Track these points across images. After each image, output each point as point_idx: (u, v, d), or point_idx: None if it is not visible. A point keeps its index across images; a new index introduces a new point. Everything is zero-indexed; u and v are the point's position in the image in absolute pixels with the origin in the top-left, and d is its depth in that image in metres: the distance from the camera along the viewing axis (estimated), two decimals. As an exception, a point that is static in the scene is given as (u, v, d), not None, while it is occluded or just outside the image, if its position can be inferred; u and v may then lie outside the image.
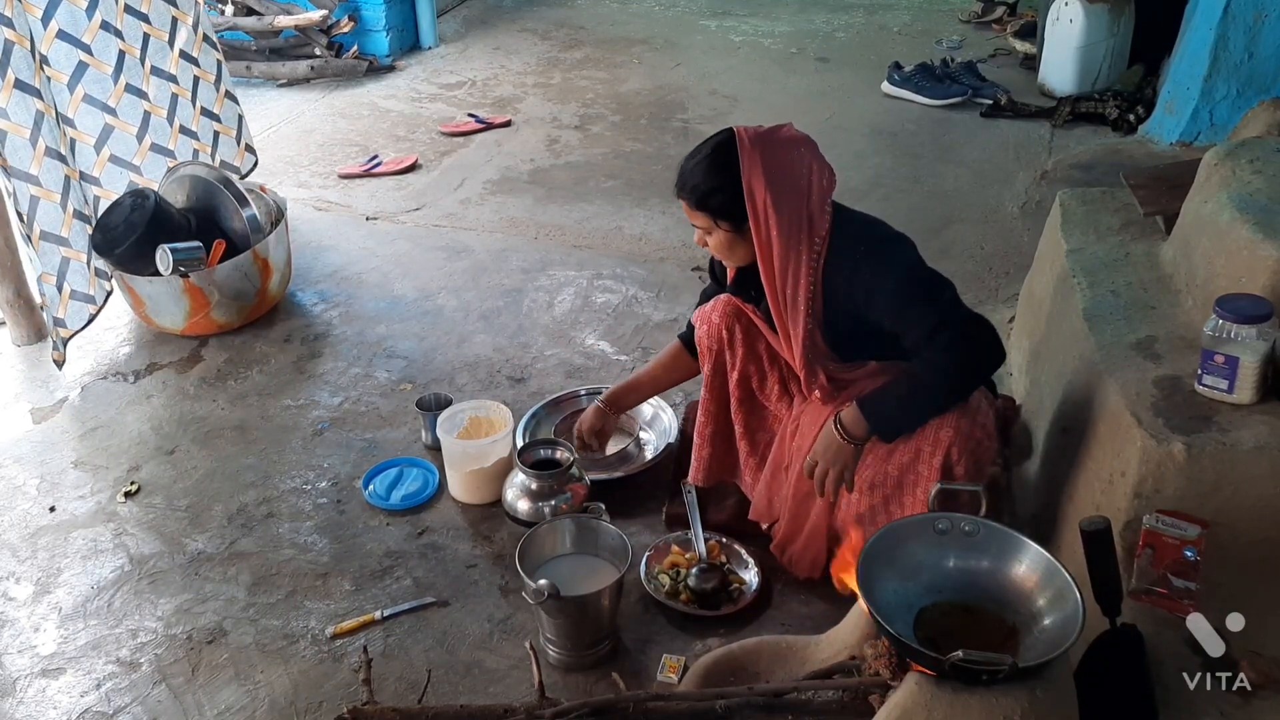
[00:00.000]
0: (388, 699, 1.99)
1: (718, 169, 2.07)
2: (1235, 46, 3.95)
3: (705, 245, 2.19)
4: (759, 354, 2.28)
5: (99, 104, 3.24)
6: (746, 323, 2.27)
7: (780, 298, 2.09)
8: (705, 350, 2.32)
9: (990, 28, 5.64)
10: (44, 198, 2.96)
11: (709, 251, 2.22)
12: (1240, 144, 2.38)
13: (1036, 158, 4.23)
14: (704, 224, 2.13)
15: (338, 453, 2.75)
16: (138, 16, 3.33)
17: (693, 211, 2.13)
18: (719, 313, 2.29)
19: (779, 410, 2.31)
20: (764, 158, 2.02)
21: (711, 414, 2.36)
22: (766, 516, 2.33)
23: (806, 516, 2.23)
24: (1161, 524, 1.86)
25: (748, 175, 2.02)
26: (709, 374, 2.33)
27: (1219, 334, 1.91)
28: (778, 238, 2.03)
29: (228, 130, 3.73)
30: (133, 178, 3.37)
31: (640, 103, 4.90)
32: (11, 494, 2.65)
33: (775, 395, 2.30)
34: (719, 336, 2.28)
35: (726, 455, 2.39)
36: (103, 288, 3.21)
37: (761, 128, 2.08)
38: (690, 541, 2.34)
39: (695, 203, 2.11)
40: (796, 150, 2.06)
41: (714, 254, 2.22)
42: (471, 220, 3.92)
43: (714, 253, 2.20)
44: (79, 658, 2.19)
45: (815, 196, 2.05)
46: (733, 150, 2.05)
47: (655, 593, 2.24)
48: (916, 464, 2.04)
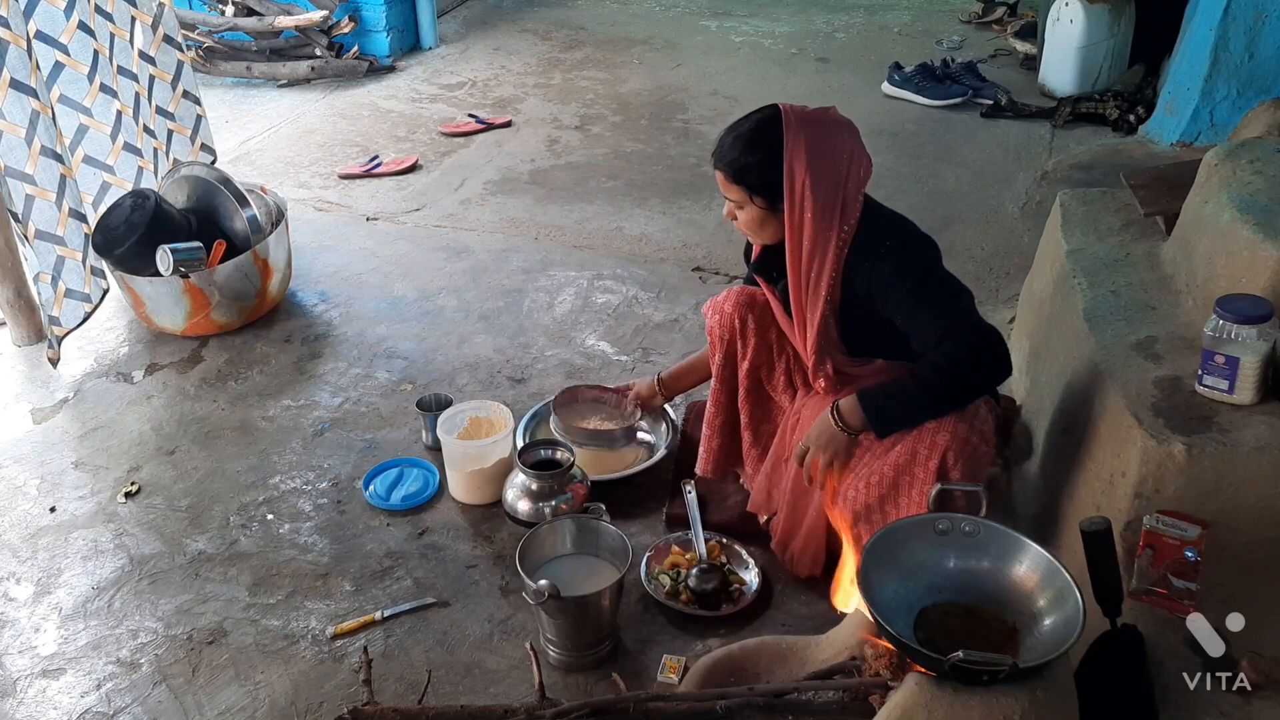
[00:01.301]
0: (388, 699, 1.99)
1: (760, 144, 2.03)
2: (1235, 47, 3.95)
3: (734, 220, 2.14)
4: (769, 343, 2.29)
5: (74, 104, 3.25)
6: (759, 312, 2.27)
7: (803, 281, 2.07)
8: (716, 340, 2.32)
9: (990, 28, 5.65)
10: (40, 196, 2.97)
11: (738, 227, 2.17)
12: (1240, 144, 2.38)
13: (1037, 158, 4.23)
14: (738, 198, 2.09)
15: (338, 453, 2.75)
16: (105, 16, 3.35)
17: (728, 184, 2.08)
18: (731, 302, 2.29)
19: (783, 402, 2.31)
20: (808, 139, 2.00)
21: (722, 404, 2.36)
22: (765, 508, 2.34)
23: (805, 511, 2.23)
24: (1162, 524, 1.86)
25: (790, 155, 1.99)
26: (720, 363, 2.33)
27: (1219, 334, 1.91)
28: (810, 221, 2.01)
29: (182, 129, 3.73)
30: (106, 177, 3.38)
31: (641, 103, 4.90)
32: (12, 494, 2.66)
33: (781, 386, 2.31)
34: (731, 326, 2.29)
35: (734, 446, 2.40)
36: (99, 286, 3.21)
37: (808, 108, 2.06)
38: (690, 542, 2.34)
39: (733, 176, 2.07)
40: (840, 134, 2.04)
41: (741, 229, 2.16)
42: (472, 221, 3.92)
43: (742, 228, 2.15)
44: (79, 658, 2.19)
45: (851, 184, 2.03)
46: (777, 127, 2.02)
47: (655, 593, 2.24)
48: (912, 466, 2.04)
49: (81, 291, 3.13)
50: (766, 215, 2.08)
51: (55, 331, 3.03)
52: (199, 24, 5.14)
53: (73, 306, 3.10)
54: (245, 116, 4.84)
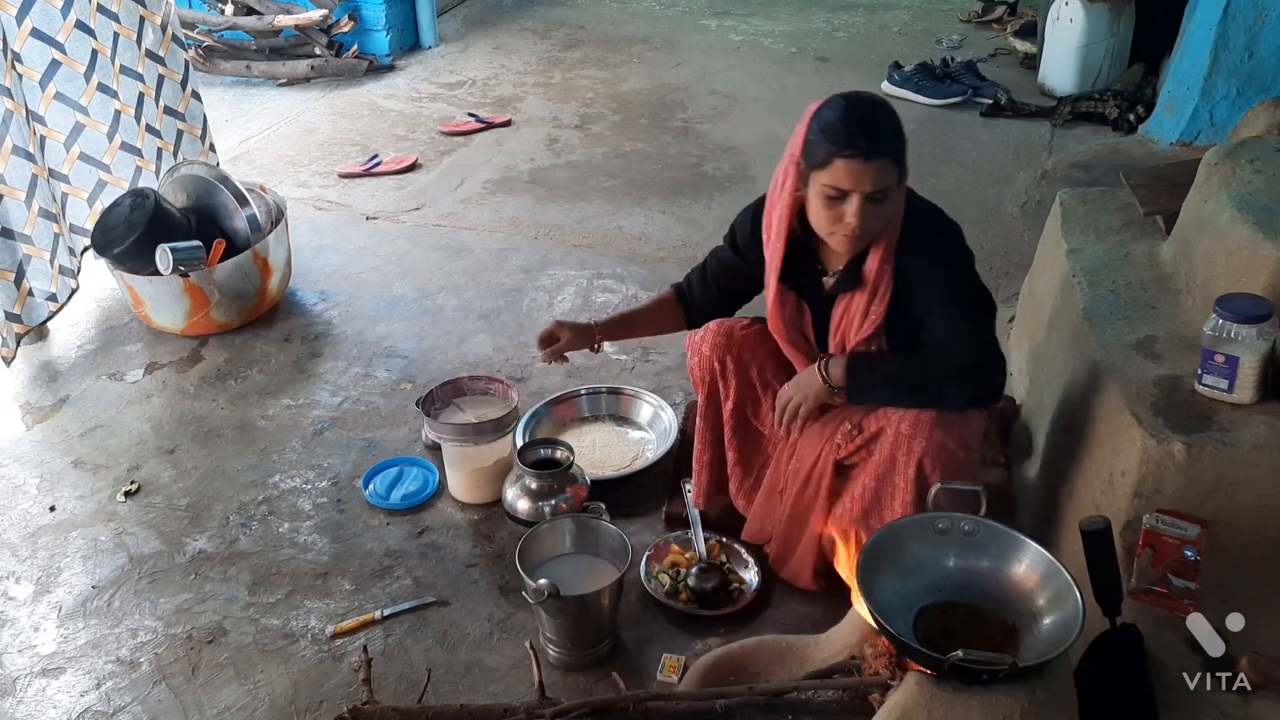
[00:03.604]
0: (388, 698, 1.99)
1: (895, 118, 1.96)
2: (1235, 46, 3.95)
3: (854, 219, 1.92)
4: (751, 381, 2.26)
5: (71, 102, 3.24)
6: (737, 350, 2.23)
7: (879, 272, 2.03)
8: (698, 380, 2.29)
9: (990, 27, 5.64)
10: (8, 195, 2.97)
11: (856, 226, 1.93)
12: (1240, 144, 2.38)
13: (1036, 157, 4.22)
14: (890, 180, 1.92)
15: (338, 452, 2.75)
16: (109, 16, 3.34)
17: (885, 167, 1.91)
18: (708, 344, 2.24)
19: (774, 435, 2.27)
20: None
21: (708, 441, 2.33)
22: (759, 538, 2.33)
23: (799, 539, 2.23)
24: (1161, 524, 1.86)
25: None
26: (703, 403, 2.30)
27: (1219, 334, 1.90)
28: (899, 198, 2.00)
29: (193, 130, 3.73)
30: (101, 175, 3.38)
31: (640, 102, 4.90)
32: (11, 494, 2.65)
33: (769, 420, 2.26)
34: (710, 368, 2.25)
35: (725, 478, 2.37)
36: (67, 286, 3.21)
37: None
38: (690, 541, 2.34)
39: (895, 155, 1.93)
40: None
41: (857, 222, 1.92)
42: (471, 220, 3.92)
43: (858, 221, 1.92)
44: (79, 657, 2.19)
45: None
46: (880, 100, 1.99)
47: (655, 592, 2.24)
48: (892, 475, 2.03)
49: (48, 291, 3.13)
50: (890, 200, 1.95)
51: (15, 329, 3.03)
52: (199, 23, 5.14)
53: (37, 305, 3.10)
54: (245, 115, 4.84)
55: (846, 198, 1.92)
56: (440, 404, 2.56)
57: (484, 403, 2.59)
